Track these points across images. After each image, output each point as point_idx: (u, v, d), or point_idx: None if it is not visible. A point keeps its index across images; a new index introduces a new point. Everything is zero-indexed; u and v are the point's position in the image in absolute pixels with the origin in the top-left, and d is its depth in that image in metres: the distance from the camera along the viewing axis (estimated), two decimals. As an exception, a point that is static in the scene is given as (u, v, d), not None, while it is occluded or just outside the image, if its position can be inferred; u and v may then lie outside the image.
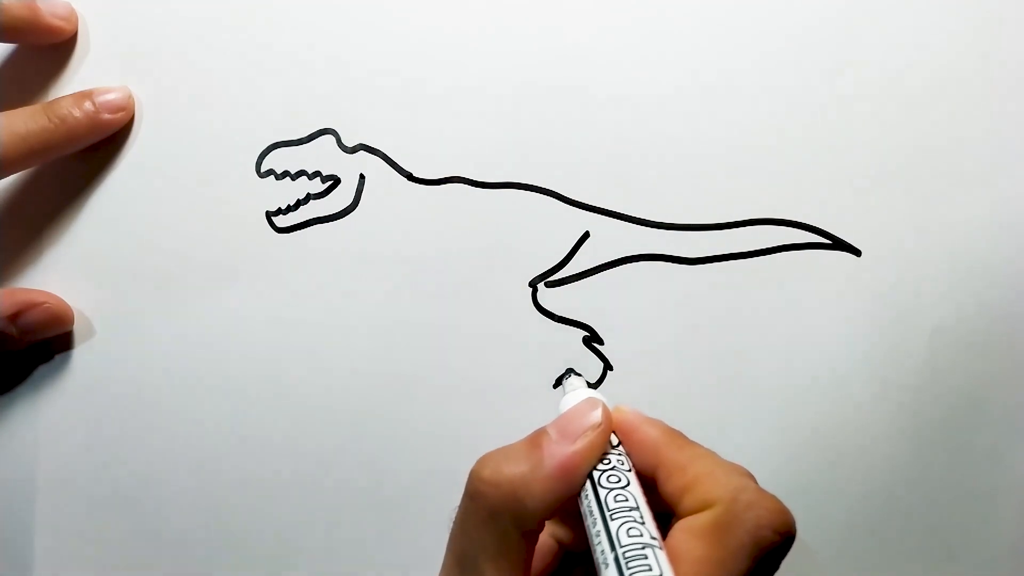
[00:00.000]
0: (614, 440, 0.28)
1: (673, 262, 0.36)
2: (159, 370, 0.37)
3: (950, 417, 0.36)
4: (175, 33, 0.37)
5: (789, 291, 0.36)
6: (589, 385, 0.35)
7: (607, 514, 0.25)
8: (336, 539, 0.37)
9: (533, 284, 0.37)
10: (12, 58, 0.38)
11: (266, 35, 0.37)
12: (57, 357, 0.38)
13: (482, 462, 0.27)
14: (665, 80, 0.36)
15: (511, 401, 0.36)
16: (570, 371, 0.35)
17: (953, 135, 0.36)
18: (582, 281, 0.37)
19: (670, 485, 0.27)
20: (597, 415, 0.28)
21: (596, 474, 0.27)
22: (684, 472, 0.27)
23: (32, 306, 0.36)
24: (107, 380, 0.38)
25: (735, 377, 0.36)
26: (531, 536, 0.26)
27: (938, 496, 0.36)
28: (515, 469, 0.26)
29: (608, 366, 0.36)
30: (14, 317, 0.36)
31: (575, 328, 0.36)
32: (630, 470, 0.27)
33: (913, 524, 0.36)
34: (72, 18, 0.37)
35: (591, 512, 0.26)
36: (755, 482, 0.27)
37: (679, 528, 0.26)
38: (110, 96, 0.37)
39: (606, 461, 0.27)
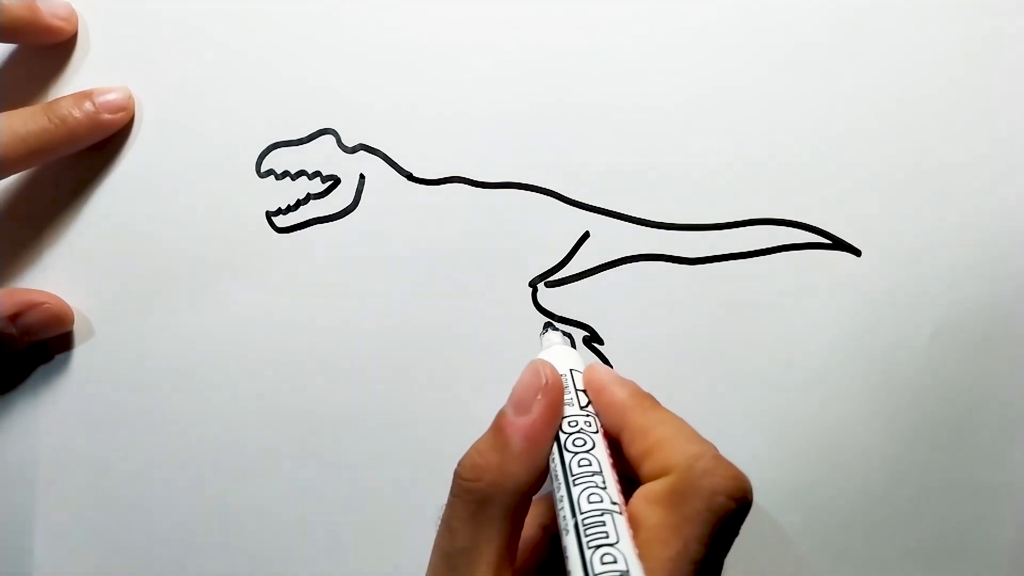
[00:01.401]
0: (583, 400, 0.29)
1: (673, 262, 0.36)
2: (159, 370, 0.37)
3: (950, 417, 0.36)
4: (175, 33, 0.38)
5: (789, 291, 0.36)
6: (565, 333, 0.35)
7: (570, 479, 0.26)
8: (336, 538, 0.37)
9: (533, 284, 0.37)
10: (12, 58, 0.38)
11: (266, 35, 0.37)
12: (57, 357, 0.38)
13: (461, 462, 0.28)
14: (665, 80, 0.36)
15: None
16: (547, 325, 0.35)
17: (953, 135, 0.36)
18: (582, 281, 0.37)
19: (633, 449, 0.28)
20: (541, 377, 0.29)
21: (563, 437, 0.27)
22: (646, 436, 0.27)
23: (32, 306, 0.36)
24: (107, 380, 0.38)
25: (735, 377, 0.36)
26: (518, 519, 0.27)
27: (938, 496, 0.36)
28: (489, 458, 0.27)
29: (608, 366, 0.36)
30: (14, 317, 0.36)
31: (575, 328, 0.36)
32: (596, 432, 0.28)
33: (913, 524, 0.36)
34: (72, 18, 0.37)
35: (556, 477, 0.27)
36: (715, 450, 0.27)
37: (638, 495, 0.26)
38: (110, 96, 0.37)
39: (573, 423, 0.28)
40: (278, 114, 0.37)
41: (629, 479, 0.27)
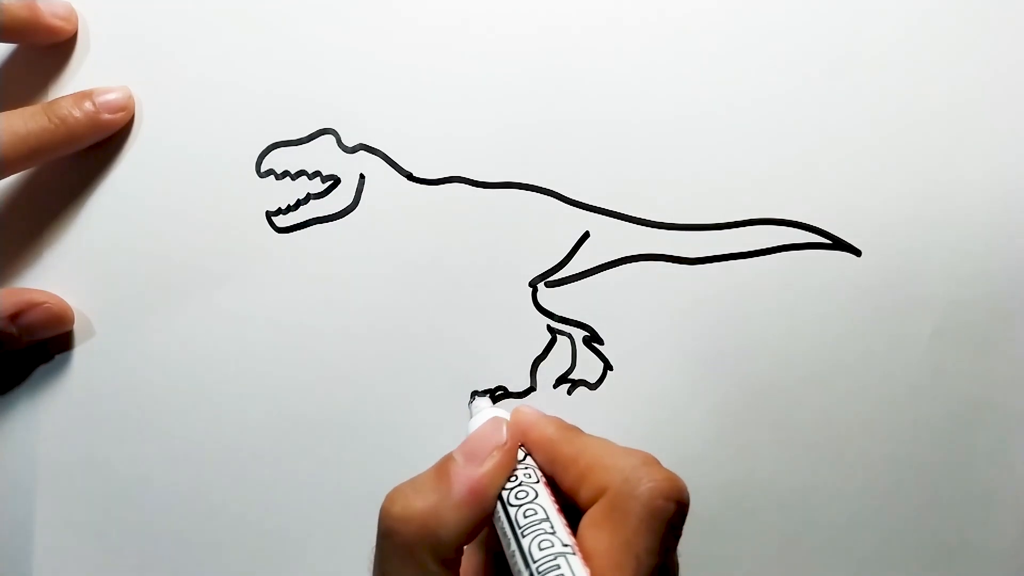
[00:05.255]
0: (520, 454, 0.29)
1: (673, 262, 0.36)
2: (159, 370, 0.37)
3: (950, 417, 0.36)
4: (175, 33, 0.38)
5: (789, 291, 0.36)
6: (498, 395, 0.35)
7: (518, 532, 0.26)
8: (334, 540, 0.37)
9: (533, 284, 0.37)
10: (12, 58, 0.38)
11: (266, 35, 0.37)
12: (57, 357, 0.38)
13: (391, 498, 0.27)
14: (665, 80, 0.36)
15: (511, 401, 0.36)
16: (474, 394, 0.36)
17: (953, 135, 0.36)
18: (582, 281, 0.37)
19: (567, 480, 0.27)
20: (502, 434, 0.28)
21: (505, 493, 0.27)
22: (576, 464, 0.27)
23: (32, 306, 0.36)
24: (107, 380, 0.38)
25: (735, 377, 0.36)
26: (452, 564, 0.26)
27: (938, 496, 0.36)
28: (425, 501, 0.26)
29: (608, 366, 0.36)
30: (14, 317, 0.36)
31: (575, 328, 0.36)
32: (537, 481, 0.27)
33: (913, 524, 0.36)
34: (72, 18, 0.37)
35: (504, 533, 0.26)
36: (644, 456, 0.27)
37: (583, 525, 0.26)
38: (110, 96, 0.37)
39: (513, 478, 0.27)
40: (278, 114, 0.37)
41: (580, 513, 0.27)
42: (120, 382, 0.38)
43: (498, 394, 0.36)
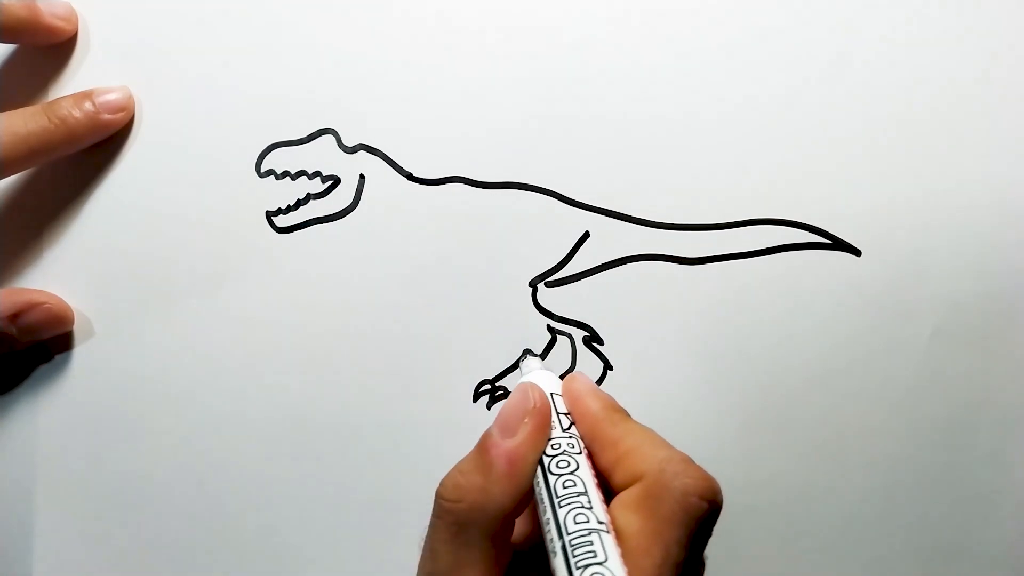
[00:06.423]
0: (565, 423, 0.29)
1: (673, 262, 0.36)
2: (159, 370, 0.37)
3: (950, 417, 0.36)
4: (175, 33, 0.37)
5: (789, 291, 0.36)
6: (497, 396, 0.35)
7: (555, 501, 0.26)
8: (335, 541, 0.37)
9: (533, 284, 0.37)
10: (12, 58, 0.38)
11: (266, 35, 0.37)
12: (57, 357, 0.38)
13: (443, 481, 0.28)
14: (665, 80, 0.36)
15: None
16: (526, 352, 0.36)
17: (953, 135, 0.36)
18: (582, 281, 0.37)
19: (603, 459, 0.28)
20: (529, 400, 0.29)
21: (546, 460, 0.27)
22: (615, 447, 0.28)
23: (32, 306, 0.36)
24: (107, 380, 0.38)
25: (735, 377, 0.36)
26: (501, 541, 0.27)
27: (938, 496, 0.36)
28: (471, 480, 0.27)
29: (608, 366, 0.36)
30: (14, 317, 0.36)
31: (575, 328, 0.36)
32: (580, 453, 0.28)
33: (913, 524, 0.36)
34: (72, 18, 0.37)
35: (541, 500, 0.27)
36: (683, 455, 0.27)
37: (615, 505, 0.27)
38: (110, 96, 0.37)
39: (555, 446, 0.28)
40: (278, 114, 0.37)
41: (610, 492, 0.27)
42: (120, 382, 0.38)
43: (498, 394, 0.36)
